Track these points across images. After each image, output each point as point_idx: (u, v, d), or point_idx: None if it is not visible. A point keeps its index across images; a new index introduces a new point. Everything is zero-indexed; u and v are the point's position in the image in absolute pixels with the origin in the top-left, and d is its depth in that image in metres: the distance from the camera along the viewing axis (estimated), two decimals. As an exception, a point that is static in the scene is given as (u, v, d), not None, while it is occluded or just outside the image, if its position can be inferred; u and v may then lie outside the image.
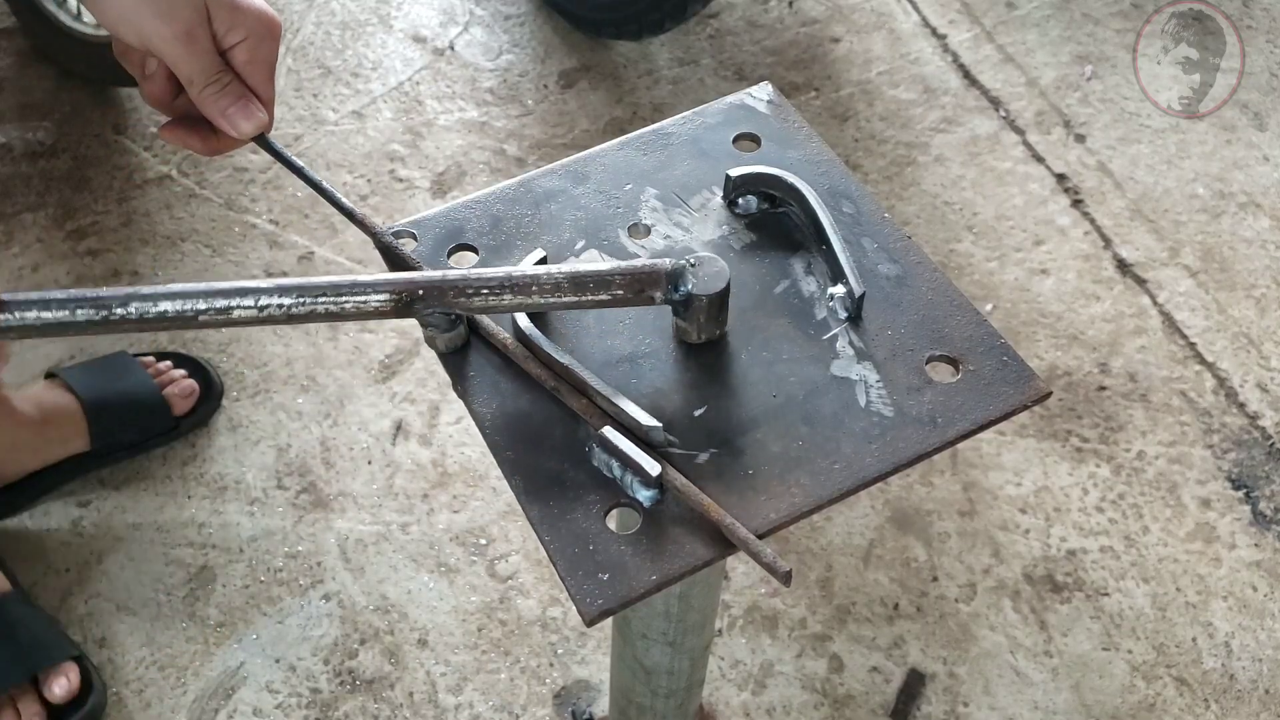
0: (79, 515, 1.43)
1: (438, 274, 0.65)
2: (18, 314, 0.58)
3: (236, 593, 1.38)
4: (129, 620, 1.35)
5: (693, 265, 0.67)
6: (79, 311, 0.60)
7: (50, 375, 1.47)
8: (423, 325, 0.67)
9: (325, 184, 0.73)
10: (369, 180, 1.78)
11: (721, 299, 0.68)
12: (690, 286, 0.66)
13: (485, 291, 0.64)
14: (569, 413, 0.67)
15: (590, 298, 0.65)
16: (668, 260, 0.66)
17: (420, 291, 0.64)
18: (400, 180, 1.79)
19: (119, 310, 0.60)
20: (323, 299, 0.63)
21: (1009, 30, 2.04)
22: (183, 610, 1.36)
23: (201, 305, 0.61)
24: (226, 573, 1.39)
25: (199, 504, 1.45)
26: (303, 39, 1.98)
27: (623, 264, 0.66)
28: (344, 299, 0.63)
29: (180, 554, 1.41)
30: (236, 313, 0.62)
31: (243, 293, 0.62)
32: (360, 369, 1.57)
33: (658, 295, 0.66)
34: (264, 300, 0.62)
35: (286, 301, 0.62)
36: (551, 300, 0.65)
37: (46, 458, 1.42)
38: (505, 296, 0.64)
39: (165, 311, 0.61)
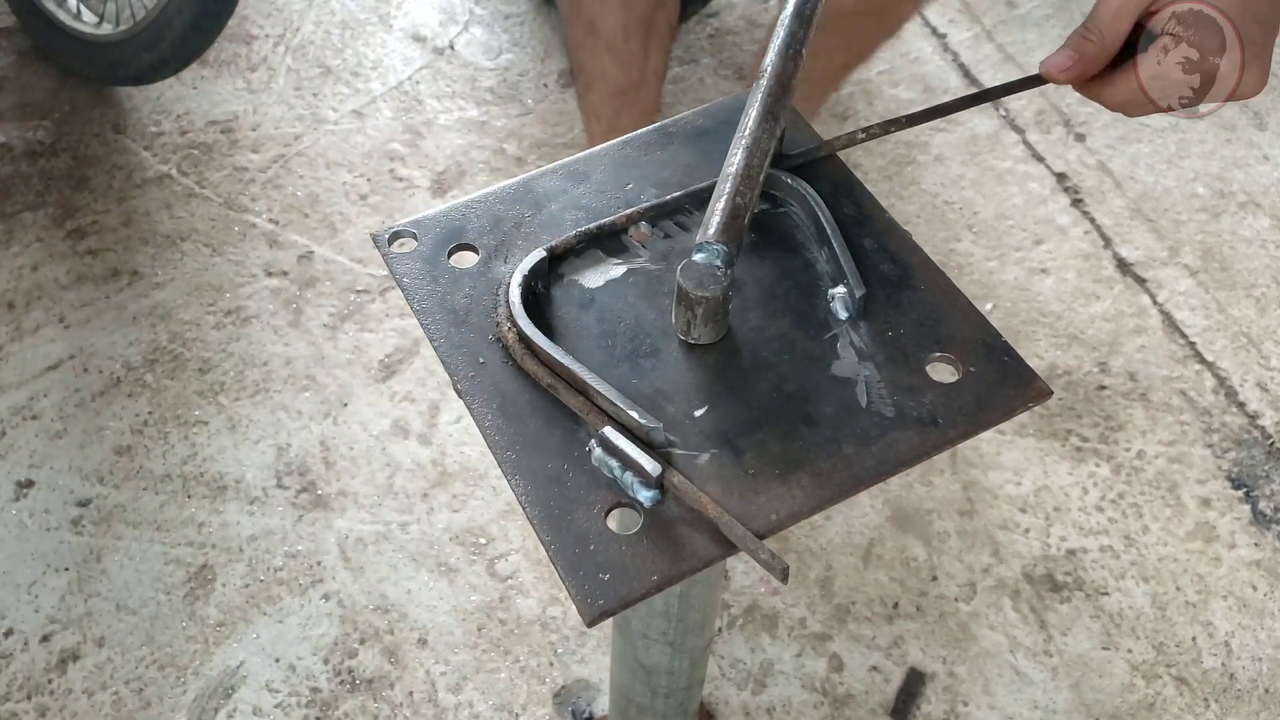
0: (79, 515, 1.43)
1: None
2: None
3: (236, 592, 1.38)
4: (129, 620, 1.35)
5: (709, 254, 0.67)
6: None
7: None
8: None
9: None
10: (369, 179, 1.78)
11: (722, 301, 0.68)
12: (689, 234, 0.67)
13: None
14: (569, 413, 0.67)
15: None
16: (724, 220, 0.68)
17: None
18: (400, 179, 1.79)
19: None
20: None
21: (1009, 30, 2.04)
22: (183, 610, 1.36)
23: None
24: (226, 572, 1.39)
25: (199, 504, 1.45)
26: (303, 38, 1.98)
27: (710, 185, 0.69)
28: None
29: (180, 554, 1.41)
30: None
31: None
32: (360, 368, 1.57)
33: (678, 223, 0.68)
34: None
35: None
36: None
37: None
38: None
39: None
